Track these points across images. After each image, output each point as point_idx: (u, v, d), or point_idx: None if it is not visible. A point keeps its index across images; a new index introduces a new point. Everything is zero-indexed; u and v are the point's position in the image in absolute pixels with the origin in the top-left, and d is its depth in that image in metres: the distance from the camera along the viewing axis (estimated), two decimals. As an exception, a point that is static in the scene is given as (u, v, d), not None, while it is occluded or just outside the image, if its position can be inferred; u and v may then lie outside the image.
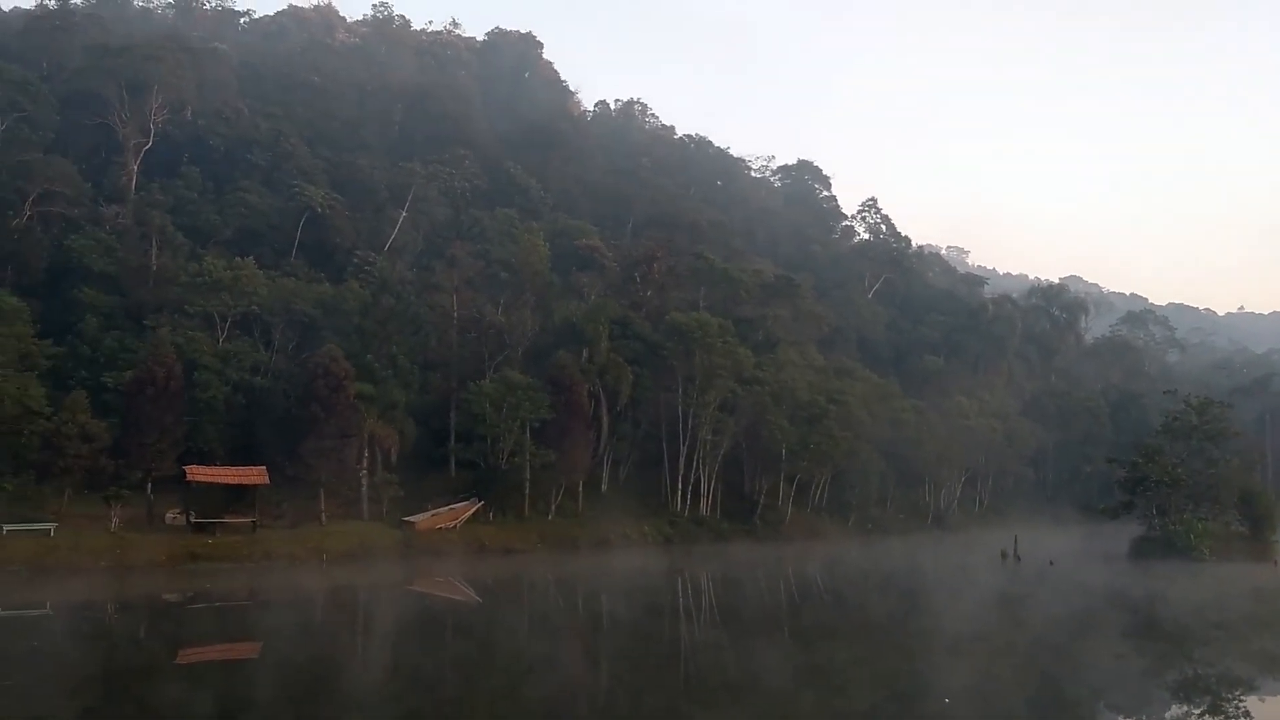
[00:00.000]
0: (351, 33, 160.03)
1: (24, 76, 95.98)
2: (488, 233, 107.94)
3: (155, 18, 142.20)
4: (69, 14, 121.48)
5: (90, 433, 65.18)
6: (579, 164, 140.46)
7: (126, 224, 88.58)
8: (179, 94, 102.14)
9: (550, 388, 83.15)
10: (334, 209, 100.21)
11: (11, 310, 72.08)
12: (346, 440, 73.54)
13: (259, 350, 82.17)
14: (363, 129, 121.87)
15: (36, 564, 57.81)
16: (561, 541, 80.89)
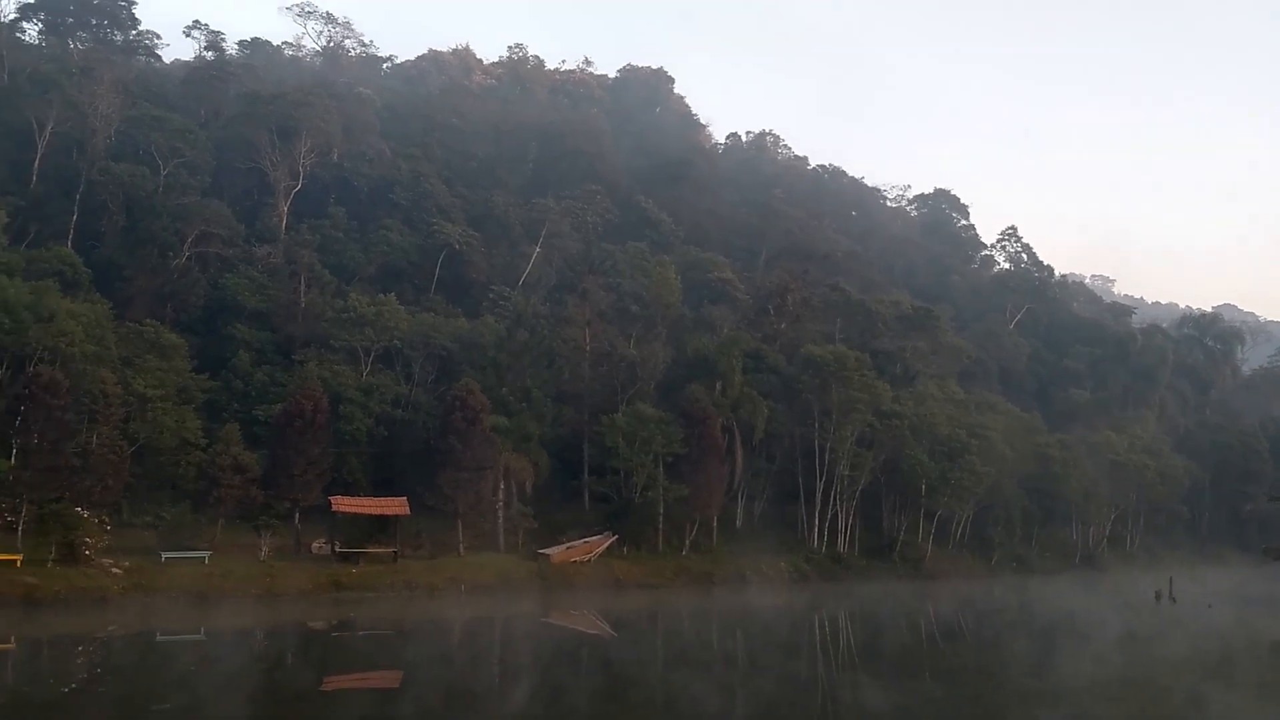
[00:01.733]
0: (488, 74, 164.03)
1: (184, 124, 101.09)
2: (620, 266, 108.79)
3: (304, 65, 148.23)
4: (224, 64, 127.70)
5: (242, 464, 67.67)
6: (711, 196, 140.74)
7: (277, 263, 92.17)
8: (326, 138, 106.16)
9: (683, 421, 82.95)
10: (471, 245, 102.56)
11: (171, 346, 75.77)
12: (483, 472, 74.61)
13: (400, 383, 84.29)
14: (498, 167, 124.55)
15: (192, 591, 59.98)
16: (696, 577, 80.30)
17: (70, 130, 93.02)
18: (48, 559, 58.13)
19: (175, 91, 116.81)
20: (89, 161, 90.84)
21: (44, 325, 68.03)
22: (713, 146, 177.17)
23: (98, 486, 62.50)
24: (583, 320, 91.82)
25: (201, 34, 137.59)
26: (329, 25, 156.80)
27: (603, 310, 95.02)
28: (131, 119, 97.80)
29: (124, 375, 70.08)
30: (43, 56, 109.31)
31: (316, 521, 71.42)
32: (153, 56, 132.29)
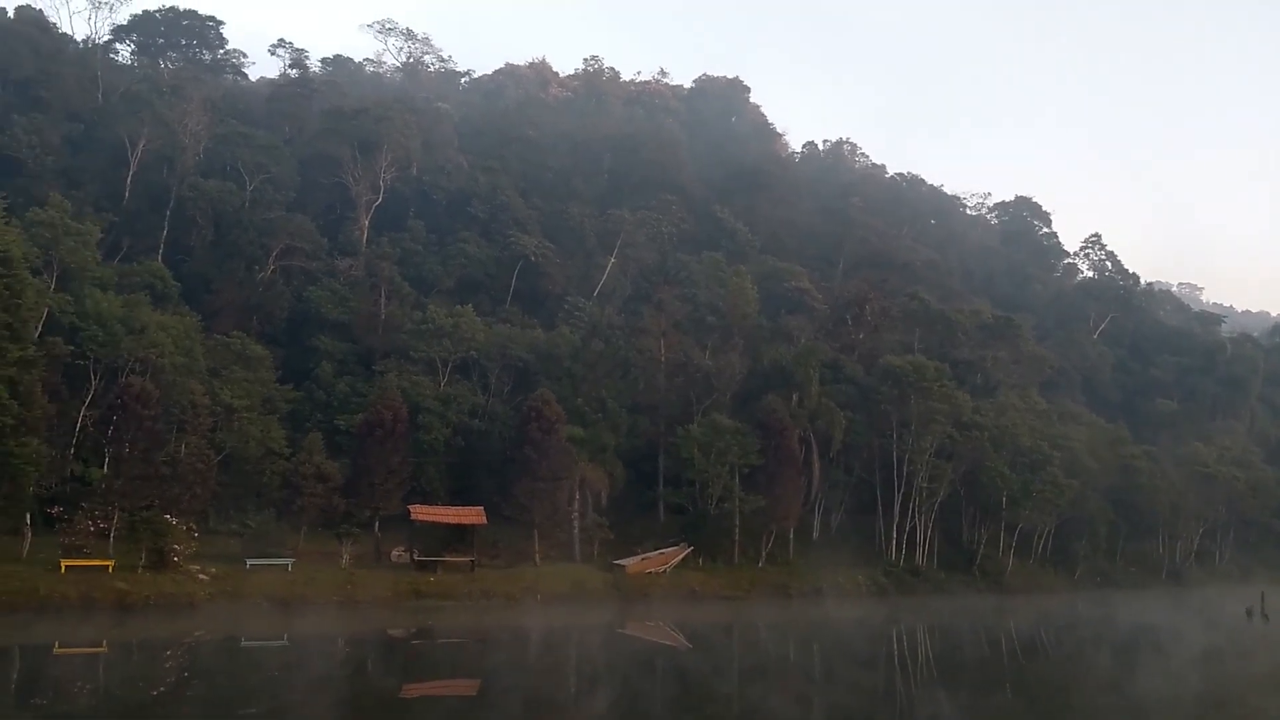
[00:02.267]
0: (564, 87, 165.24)
1: (269, 141, 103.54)
2: (695, 276, 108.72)
3: (385, 81, 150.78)
4: (308, 82, 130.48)
5: (324, 473, 68.94)
6: (787, 206, 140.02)
7: (358, 275, 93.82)
8: (406, 152, 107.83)
9: (759, 432, 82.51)
10: (546, 257, 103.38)
11: (257, 358, 77.63)
12: (559, 482, 75.03)
13: (477, 394, 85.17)
14: (573, 178, 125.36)
15: (276, 597, 61.21)
16: (772, 589, 79.74)
17: (161, 148, 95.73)
18: (138, 565, 59.74)
19: (261, 109, 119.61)
20: (179, 178, 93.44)
21: (135, 337, 70.13)
22: (789, 155, 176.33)
23: (186, 494, 64.12)
24: (658, 330, 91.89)
25: (286, 52, 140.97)
26: (409, 42, 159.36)
27: (678, 320, 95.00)
28: (219, 136, 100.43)
29: (211, 386, 71.93)
30: (135, 77, 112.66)
31: (396, 530, 72.39)
32: (239, 75, 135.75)
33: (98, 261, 78.52)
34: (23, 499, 59.23)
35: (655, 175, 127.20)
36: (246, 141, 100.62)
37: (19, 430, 57.85)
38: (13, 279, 60.05)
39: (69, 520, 60.32)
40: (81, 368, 68.53)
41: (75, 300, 71.32)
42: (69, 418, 66.40)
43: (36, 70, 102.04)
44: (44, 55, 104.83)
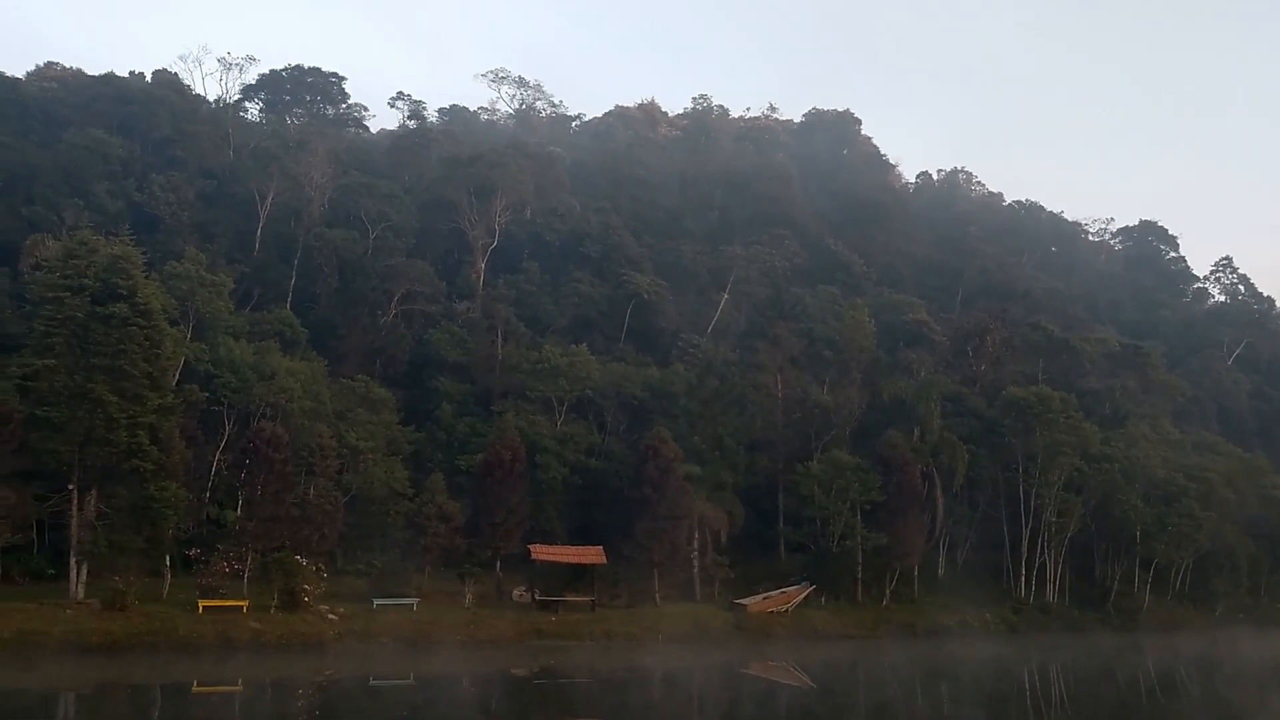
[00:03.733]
0: (673, 126, 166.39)
1: (390, 190, 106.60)
2: (810, 311, 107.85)
3: (498, 128, 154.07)
4: (426, 132, 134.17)
5: (447, 513, 69.97)
6: (902, 237, 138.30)
7: (476, 317, 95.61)
8: (520, 196, 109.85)
9: (880, 468, 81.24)
10: (659, 294, 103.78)
11: (381, 400, 79.57)
12: (677, 521, 74.77)
13: (593, 433, 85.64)
14: (685, 216, 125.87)
15: (402, 637, 62.20)
16: (897, 628, 78.01)
17: (288, 200, 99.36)
18: (271, 605, 61.41)
19: (382, 159, 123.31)
20: (305, 228, 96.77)
21: (266, 383, 72.57)
22: (903, 186, 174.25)
23: (315, 536, 65.78)
24: (774, 366, 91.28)
25: (404, 104, 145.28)
26: (521, 89, 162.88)
27: (794, 356, 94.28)
28: (343, 187, 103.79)
29: (338, 428, 73.78)
30: (263, 133, 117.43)
31: (516, 569, 73.00)
32: (361, 127, 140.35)
33: (231, 311, 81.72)
34: (163, 541, 61.50)
35: (767, 210, 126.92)
36: (368, 191, 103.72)
37: (159, 475, 60.26)
38: (153, 330, 62.70)
39: (206, 562, 62.44)
40: (216, 413, 71.21)
41: (210, 348, 74.28)
42: (205, 462, 69.01)
43: (173, 130, 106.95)
44: (180, 116, 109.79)
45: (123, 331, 60.73)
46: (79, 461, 59.45)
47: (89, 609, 57.30)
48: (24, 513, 58.30)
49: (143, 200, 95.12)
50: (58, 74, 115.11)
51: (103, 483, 60.88)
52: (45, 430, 58.73)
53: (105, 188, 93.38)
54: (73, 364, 60.11)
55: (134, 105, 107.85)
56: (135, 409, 59.99)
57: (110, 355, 60.13)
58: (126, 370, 60.28)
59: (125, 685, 50.18)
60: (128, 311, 61.10)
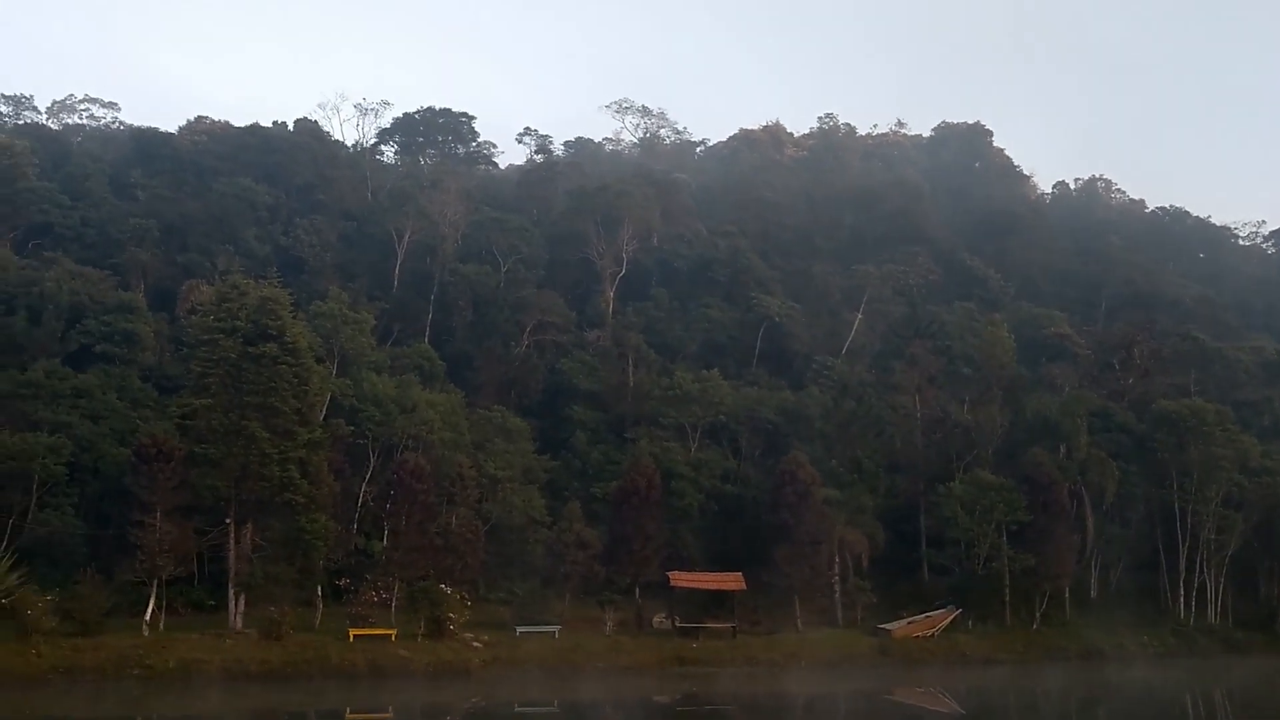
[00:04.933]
0: (799, 147, 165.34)
1: (520, 223, 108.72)
2: (947, 328, 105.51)
3: (623, 157, 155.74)
4: (553, 165, 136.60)
5: (585, 540, 70.49)
6: (1040, 249, 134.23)
7: (606, 345, 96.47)
8: (646, 223, 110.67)
9: (1026, 487, 78.78)
10: (790, 317, 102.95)
11: (517, 429, 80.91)
12: (817, 546, 73.86)
13: (728, 458, 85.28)
14: (814, 237, 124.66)
15: (545, 664, 62.84)
16: (1048, 652, 75.26)
17: (424, 237, 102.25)
18: (418, 633, 62.78)
19: (511, 193, 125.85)
20: (440, 264, 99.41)
21: (408, 415, 74.52)
22: (1038, 197, 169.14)
23: (458, 564, 67.03)
24: (912, 386, 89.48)
25: (531, 139, 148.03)
26: (645, 118, 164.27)
27: (932, 375, 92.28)
28: (475, 223, 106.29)
29: (477, 458, 75.19)
30: (399, 175, 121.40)
31: (656, 596, 72.94)
32: (490, 164, 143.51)
33: (372, 347, 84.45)
34: (314, 572, 63.70)
35: (898, 227, 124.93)
36: (499, 226, 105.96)
37: (310, 507, 62.47)
38: (300, 367, 65.17)
39: (355, 591, 64.40)
40: (361, 446, 73.43)
41: (354, 384, 76.66)
42: (351, 494, 71.23)
43: (315, 176, 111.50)
44: (320, 162, 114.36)
45: (273, 370, 63.26)
46: (235, 496, 62.07)
47: (247, 638, 59.52)
48: (186, 546, 61.08)
49: (288, 243, 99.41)
50: (207, 128, 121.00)
51: (257, 516, 63.46)
52: (204, 466, 61.56)
53: (254, 233, 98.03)
54: (227, 402, 62.82)
55: (278, 154, 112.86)
56: (286, 444, 62.41)
57: (262, 393, 62.68)
58: (277, 407, 62.78)
59: (283, 712, 52.00)
60: (277, 351, 63.65)
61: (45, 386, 71.69)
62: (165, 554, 59.43)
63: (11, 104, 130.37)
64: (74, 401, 71.60)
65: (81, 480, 67.75)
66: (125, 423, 70.89)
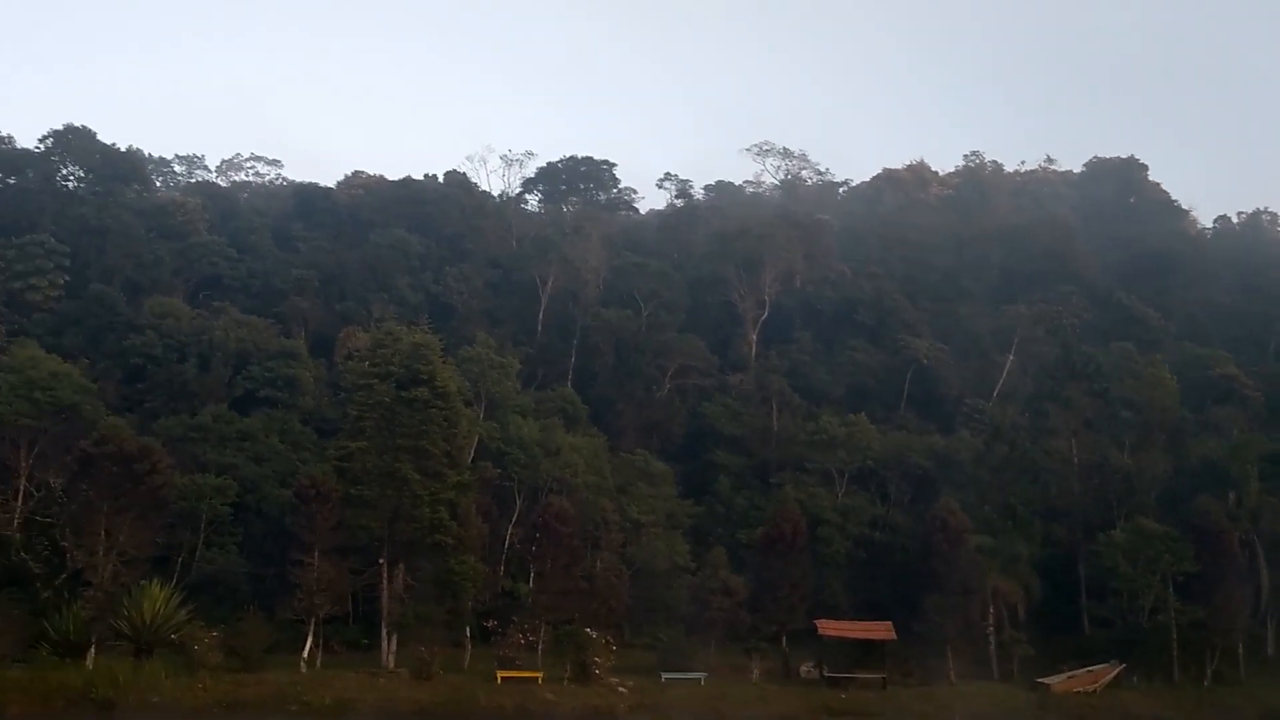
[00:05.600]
0: (944, 185, 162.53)
1: (661, 268, 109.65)
2: (1104, 369, 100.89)
3: (764, 200, 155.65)
4: (693, 209, 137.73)
5: (730, 587, 69.80)
6: (1202, 286, 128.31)
7: (749, 389, 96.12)
8: (789, 266, 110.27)
9: (1193, 536, 74.82)
10: (939, 359, 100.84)
11: (659, 474, 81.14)
12: (970, 595, 71.55)
13: (876, 504, 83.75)
14: (961, 277, 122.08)
15: (691, 711, 62.05)
16: (1221, 712, 70.49)
17: (567, 283, 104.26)
18: (564, 677, 63.02)
19: (652, 238, 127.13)
20: (583, 309, 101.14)
21: (552, 459, 75.57)
22: (1199, 232, 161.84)
23: (603, 609, 67.27)
24: (1068, 430, 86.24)
25: (672, 184, 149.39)
26: (786, 160, 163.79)
27: (1089, 418, 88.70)
28: (616, 268, 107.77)
29: (620, 502, 75.72)
30: (542, 222, 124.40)
31: (803, 644, 71.53)
32: (631, 210, 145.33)
33: (518, 391, 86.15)
34: (463, 613, 64.90)
35: (1049, 266, 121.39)
36: (640, 271, 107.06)
37: (459, 549, 63.81)
38: (450, 411, 66.87)
39: (502, 633, 65.06)
40: (507, 489, 74.84)
41: (500, 427, 78.24)
42: (498, 536, 72.49)
43: (463, 225, 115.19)
44: (468, 212, 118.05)
45: (424, 414, 65.09)
46: (388, 537, 63.90)
47: (399, 677, 60.80)
48: (342, 586, 62.99)
49: (438, 291, 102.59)
50: (363, 182, 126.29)
51: (409, 557, 65.13)
52: (359, 507, 63.54)
53: (406, 281, 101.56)
54: (381, 445, 64.83)
55: (429, 205, 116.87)
56: (436, 486, 63.97)
57: (414, 436, 64.50)
58: (428, 450, 64.48)
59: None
60: (428, 395, 65.49)
61: (213, 430, 75.32)
62: (322, 593, 61.32)
63: (185, 164, 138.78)
64: (239, 444, 75.03)
65: (246, 520, 70.73)
66: (286, 464, 73.79)
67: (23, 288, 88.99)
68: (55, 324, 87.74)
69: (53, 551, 61.74)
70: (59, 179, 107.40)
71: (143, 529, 59.66)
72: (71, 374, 73.18)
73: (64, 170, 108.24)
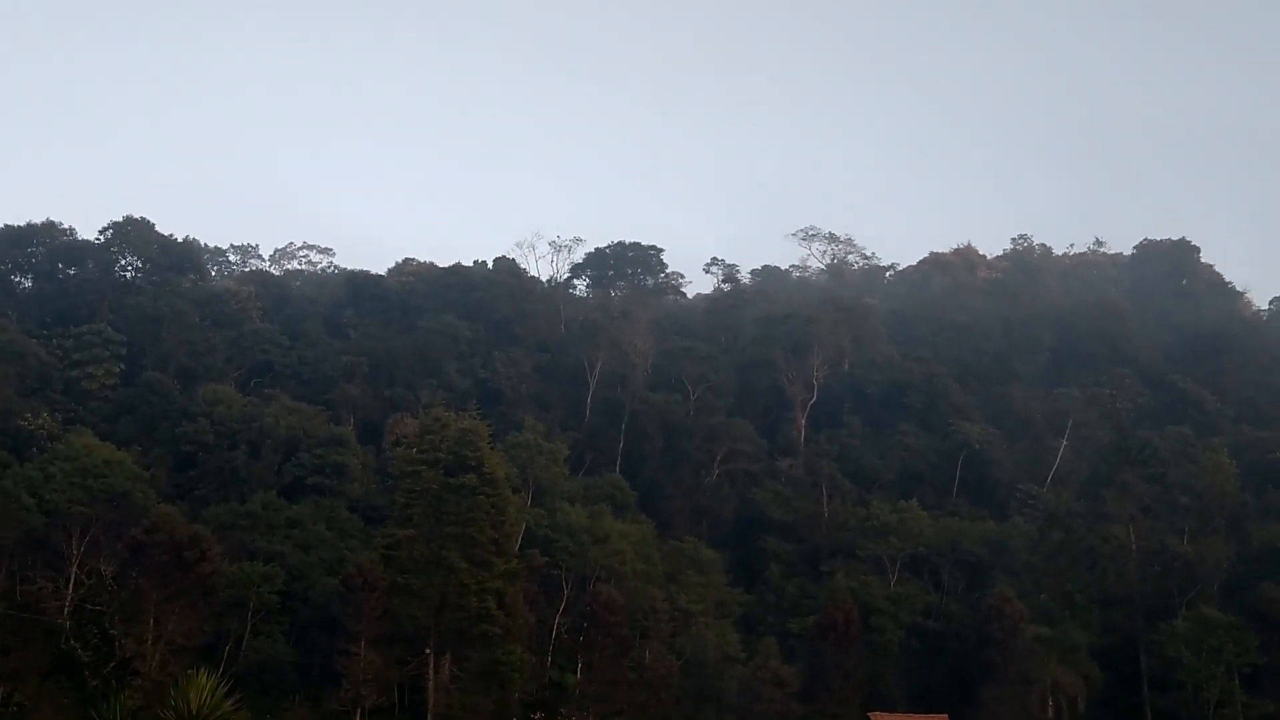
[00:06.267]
0: (992, 269, 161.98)
1: (708, 351, 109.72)
2: (1160, 454, 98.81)
3: (810, 284, 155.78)
4: (740, 293, 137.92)
5: (781, 678, 68.58)
6: (1259, 369, 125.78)
7: (798, 474, 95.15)
8: (836, 349, 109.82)
9: (1258, 626, 72.95)
10: (991, 444, 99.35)
11: (709, 561, 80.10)
12: (1028, 686, 69.97)
13: (929, 592, 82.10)
14: (1011, 360, 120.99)
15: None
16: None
17: (615, 367, 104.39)
18: (611, 770, 61.76)
19: (699, 322, 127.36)
20: (630, 394, 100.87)
21: (600, 546, 74.93)
22: (1255, 314, 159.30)
23: (652, 700, 66.26)
24: (1125, 516, 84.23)
25: (719, 268, 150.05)
26: (831, 244, 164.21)
27: (1146, 504, 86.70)
28: (664, 352, 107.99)
29: (669, 591, 74.62)
30: (590, 306, 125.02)
31: (856, 739, 69.92)
32: (679, 294, 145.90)
33: (565, 476, 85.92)
34: (510, 704, 64.06)
35: (1101, 349, 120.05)
36: (688, 354, 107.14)
37: (506, 639, 63.30)
38: (498, 498, 66.92)
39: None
40: (555, 577, 73.99)
41: (548, 514, 77.83)
42: (545, 625, 71.55)
43: (512, 310, 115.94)
44: (517, 297, 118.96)
45: (472, 500, 65.18)
46: (435, 626, 63.53)
47: (445, 771, 59.87)
48: (387, 676, 62.65)
49: (487, 376, 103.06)
50: (414, 269, 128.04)
51: (455, 646, 64.64)
52: (405, 596, 63.43)
53: (455, 367, 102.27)
54: (429, 533, 64.95)
55: (478, 291, 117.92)
56: (484, 575, 63.84)
57: (461, 523, 64.55)
58: (475, 537, 64.46)
59: None
60: (476, 481, 65.67)
61: (262, 517, 75.65)
62: (368, 683, 60.97)
63: (239, 253, 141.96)
64: (287, 531, 75.15)
65: (293, 608, 70.42)
66: (334, 552, 73.67)
67: (80, 376, 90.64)
68: (110, 411, 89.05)
69: (102, 639, 62.11)
70: (117, 269, 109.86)
71: (191, 617, 59.86)
72: (124, 461, 74.47)
73: (122, 260, 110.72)
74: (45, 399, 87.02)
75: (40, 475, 70.69)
